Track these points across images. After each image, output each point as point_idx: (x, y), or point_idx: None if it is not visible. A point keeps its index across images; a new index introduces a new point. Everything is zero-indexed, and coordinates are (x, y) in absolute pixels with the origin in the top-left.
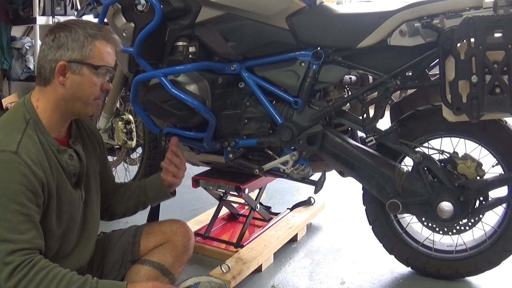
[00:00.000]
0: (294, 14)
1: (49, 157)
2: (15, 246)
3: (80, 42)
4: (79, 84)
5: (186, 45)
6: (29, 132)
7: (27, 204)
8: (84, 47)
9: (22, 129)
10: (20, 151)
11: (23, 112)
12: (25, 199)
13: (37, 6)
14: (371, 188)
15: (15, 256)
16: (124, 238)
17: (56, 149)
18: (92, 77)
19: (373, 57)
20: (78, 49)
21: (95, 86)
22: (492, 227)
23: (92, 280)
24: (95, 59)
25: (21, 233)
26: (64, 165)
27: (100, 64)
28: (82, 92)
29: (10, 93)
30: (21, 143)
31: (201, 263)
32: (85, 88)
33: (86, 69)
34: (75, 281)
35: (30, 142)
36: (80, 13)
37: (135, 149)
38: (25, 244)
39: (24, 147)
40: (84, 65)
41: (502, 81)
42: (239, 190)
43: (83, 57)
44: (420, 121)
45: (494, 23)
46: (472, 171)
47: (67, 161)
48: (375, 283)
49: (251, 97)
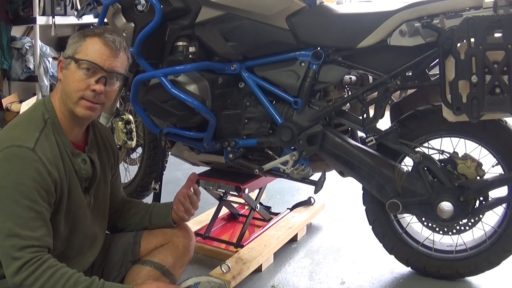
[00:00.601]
0: (294, 14)
1: (64, 159)
2: (25, 242)
3: (75, 39)
4: (66, 78)
5: (186, 45)
6: (46, 132)
7: (39, 202)
8: (76, 43)
9: (40, 128)
10: (37, 149)
11: (43, 111)
12: (38, 196)
13: (37, 6)
14: (371, 188)
15: (24, 252)
16: (125, 239)
17: (70, 152)
18: (76, 72)
19: (373, 57)
20: (72, 45)
21: (78, 82)
22: (492, 227)
23: (99, 282)
24: (81, 54)
25: (32, 230)
26: (77, 169)
27: (83, 58)
28: (68, 87)
29: (10, 93)
30: (39, 141)
31: (201, 263)
32: (69, 83)
33: (73, 64)
34: (82, 282)
35: (47, 142)
36: (80, 13)
37: (135, 149)
38: (35, 241)
39: (41, 145)
40: (71, 59)
41: (502, 81)
42: (239, 190)
43: (73, 52)
44: (420, 121)
45: (494, 23)
46: (472, 171)
47: (80, 164)
48: (375, 283)
49: (251, 97)
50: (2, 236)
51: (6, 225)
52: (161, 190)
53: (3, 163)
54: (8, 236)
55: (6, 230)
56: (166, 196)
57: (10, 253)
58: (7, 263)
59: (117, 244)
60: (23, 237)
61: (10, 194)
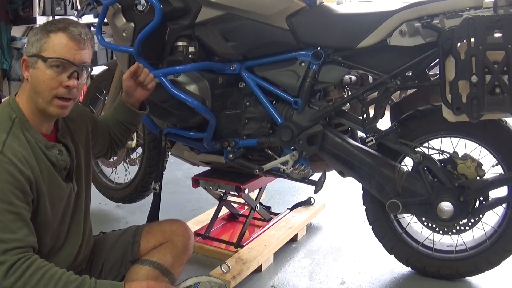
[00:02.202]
0: (294, 14)
1: (37, 155)
2: (7, 245)
3: (37, 36)
4: (35, 78)
5: (186, 45)
6: (15, 131)
7: (16, 203)
8: (39, 40)
9: (7, 129)
10: (6, 150)
11: (8, 111)
12: (14, 197)
13: (37, 6)
14: (371, 188)
15: (8, 255)
16: (124, 238)
17: (44, 146)
18: (46, 71)
19: (373, 57)
20: (35, 43)
21: (50, 80)
22: (492, 227)
23: (90, 281)
24: (48, 51)
25: (13, 232)
26: (53, 161)
27: (51, 56)
28: (39, 87)
29: (10, 93)
30: (6, 142)
31: (201, 263)
32: (40, 82)
33: (40, 62)
34: (72, 281)
35: (16, 141)
36: (80, 13)
37: (135, 149)
38: (18, 242)
39: (10, 146)
40: (38, 58)
41: (502, 81)
42: (239, 190)
43: (38, 50)
44: (420, 121)
45: (494, 23)
46: (472, 171)
47: (56, 156)
48: (375, 283)
49: (251, 97)
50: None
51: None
52: (161, 190)
53: None
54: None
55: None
56: (166, 196)
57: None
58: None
59: (115, 243)
60: (4, 240)
61: None
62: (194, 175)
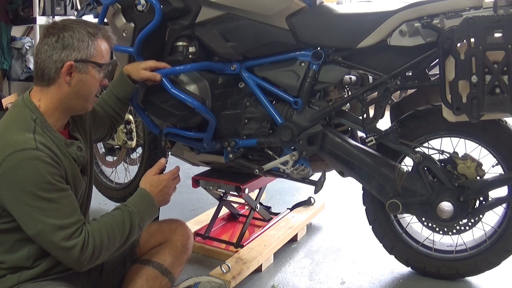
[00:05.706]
0: (294, 14)
1: (62, 151)
2: (70, 230)
3: (85, 42)
4: (84, 82)
5: (186, 45)
6: (38, 132)
7: (64, 187)
8: (89, 46)
9: (32, 128)
10: (40, 147)
11: (28, 112)
12: (61, 184)
13: (37, 6)
14: (371, 188)
15: (74, 239)
16: None
17: (64, 143)
18: (96, 75)
19: (373, 57)
20: (83, 49)
21: (97, 82)
22: (492, 227)
23: (129, 208)
24: (98, 57)
25: (70, 216)
26: (74, 157)
27: (103, 61)
28: (86, 90)
29: (10, 93)
30: (37, 140)
31: (201, 263)
32: (90, 86)
33: (91, 67)
34: (125, 219)
35: (43, 139)
36: (80, 13)
37: (135, 149)
38: (76, 224)
39: (41, 143)
40: (89, 63)
41: (502, 81)
42: (239, 190)
43: (88, 56)
44: (420, 121)
45: (494, 23)
46: (472, 171)
47: (76, 152)
48: (375, 283)
49: (251, 97)
50: (50, 233)
51: (49, 223)
52: None
53: (15, 170)
54: (55, 231)
55: (50, 228)
56: None
57: (63, 245)
58: (64, 255)
59: None
60: (67, 226)
61: (38, 196)
62: (194, 175)
